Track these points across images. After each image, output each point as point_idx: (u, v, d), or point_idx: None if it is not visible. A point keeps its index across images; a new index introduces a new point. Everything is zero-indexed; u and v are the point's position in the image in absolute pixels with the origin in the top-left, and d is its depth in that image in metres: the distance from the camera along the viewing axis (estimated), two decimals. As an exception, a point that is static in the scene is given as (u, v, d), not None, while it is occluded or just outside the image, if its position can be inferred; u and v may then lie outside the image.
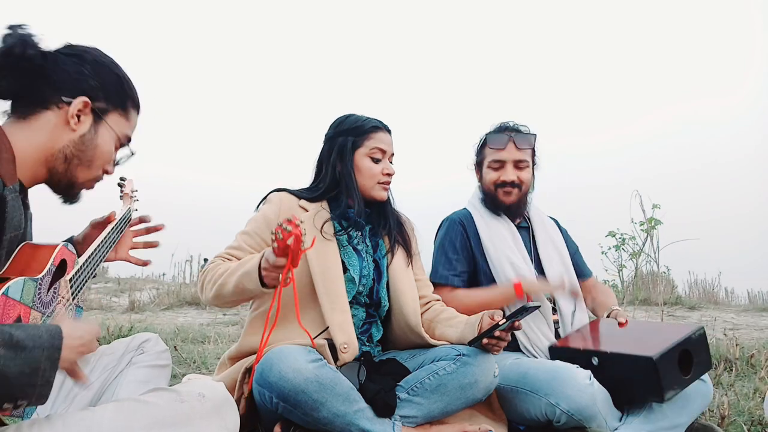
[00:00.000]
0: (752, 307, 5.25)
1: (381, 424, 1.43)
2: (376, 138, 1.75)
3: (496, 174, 2.00)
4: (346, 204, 1.72)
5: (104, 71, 1.15)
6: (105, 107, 1.15)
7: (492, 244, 1.96)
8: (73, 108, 1.09)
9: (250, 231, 1.68)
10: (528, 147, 2.00)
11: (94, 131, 1.14)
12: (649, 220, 6.32)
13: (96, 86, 1.13)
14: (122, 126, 1.19)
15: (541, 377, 1.62)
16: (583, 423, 1.55)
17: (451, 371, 1.53)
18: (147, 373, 1.30)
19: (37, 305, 0.99)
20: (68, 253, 1.13)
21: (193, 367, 2.53)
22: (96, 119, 1.14)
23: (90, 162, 1.15)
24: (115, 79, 1.16)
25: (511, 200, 1.99)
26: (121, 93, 1.18)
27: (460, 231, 2.00)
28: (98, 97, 1.13)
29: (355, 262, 1.68)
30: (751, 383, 2.27)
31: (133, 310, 4.56)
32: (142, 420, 1.00)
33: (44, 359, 0.87)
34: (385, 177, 1.75)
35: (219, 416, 1.09)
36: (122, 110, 1.18)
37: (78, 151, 1.13)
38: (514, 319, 1.49)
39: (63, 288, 1.10)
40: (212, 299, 1.57)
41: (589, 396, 1.55)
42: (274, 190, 1.78)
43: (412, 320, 1.69)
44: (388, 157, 1.78)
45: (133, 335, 1.40)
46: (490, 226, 2.00)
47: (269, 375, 1.39)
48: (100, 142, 1.15)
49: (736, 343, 2.69)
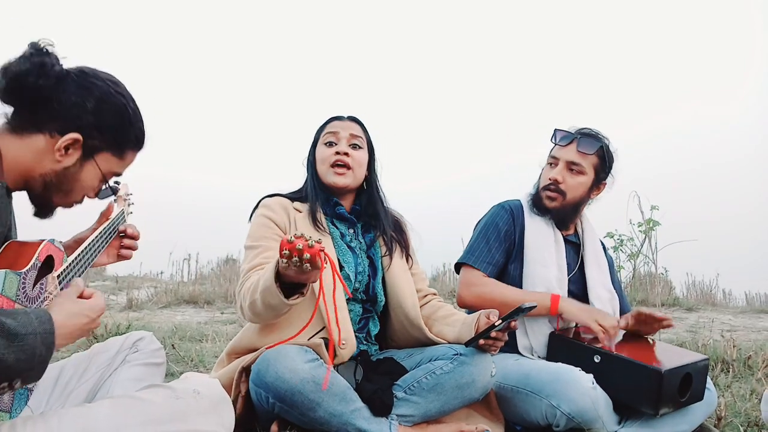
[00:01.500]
0: (750, 309, 5.25)
1: (378, 424, 1.43)
2: (329, 126, 1.78)
3: (548, 171, 1.91)
4: (335, 202, 1.74)
5: (108, 110, 1.11)
6: (98, 146, 1.12)
7: (534, 243, 1.86)
8: (62, 142, 1.07)
9: (260, 241, 1.64)
10: (590, 152, 1.85)
11: (80, 166, 1.11)
12: (648, 221, 6.32)
13: (93, 124, 1.09)
14: (112, 165, 1.17)
15: (543, 378, 1.61)
16: (582, 426, 1.54)
17: (448, 371, 1.53)
18: (141, 371, 1.30)
19: (22, 299, 0.98)
20: (55, 249, 1.12)
21: (190, 365, 2.53)
22: (85, 155, 1.11)
23: (68, 192, 1.14)
24: (117, 121, 1.13)
25: (553, 205, 1.89)
26: (120, 135, 1.15)
27: (509, 220, 1.91)
28: (92, 135, 1.10)
29: (350, 259, 1.68)
30: (748, 384, 2.28)
31: (130, 308, 4.55)
32: (138, 417, 1.00)
33: (39, 344, 0.88)
34: (335, 157, 1.72)
35: (215, 413, 1.10)
36: (116, 151, 1.15)
37: (57, 181, 1.11)
38: (510, 320, 1.49)
39: (51, 284, 1.09)
40: (254, 318, 1.52)
41: (592, 400, 1.54)
42: (266, 196, 1.77)
43: (411, 314, 1.69)
44: (346, 140, 1.74)
45: (128, 333, 1.40)
46: (538, 225, 1.90)
47: (265, 375, 1.38)
48: (82, 177, 1.13)
49: (733, 344, 2.68)
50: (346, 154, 1.72)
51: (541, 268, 1.83)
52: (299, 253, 1.19)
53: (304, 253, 1.19)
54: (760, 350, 2.78)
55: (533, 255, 1.85)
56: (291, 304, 1.38)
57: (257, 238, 1.65)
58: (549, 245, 1.88)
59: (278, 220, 1.67)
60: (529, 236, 1.88)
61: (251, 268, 1.58)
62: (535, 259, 1.85)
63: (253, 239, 1.66)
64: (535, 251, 1.86)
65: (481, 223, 1.96)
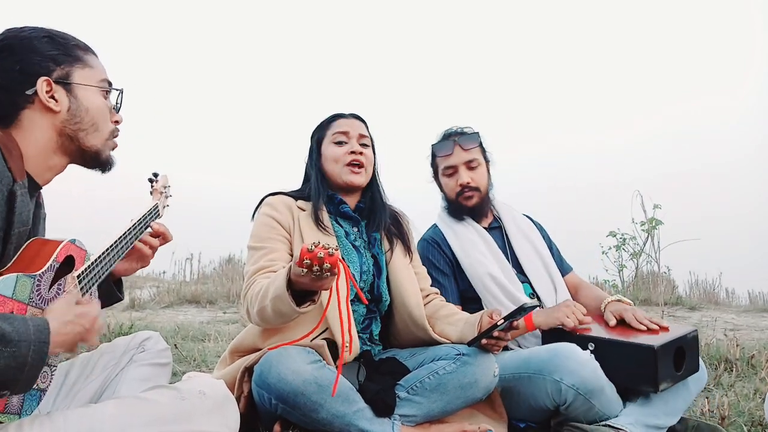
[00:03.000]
0: (753, 308, 5.24)
1: (380, 424, 1.43)
2: (336, 124, 1.78)
3: (453, 180, 2.01)
4: (339, 201, 1.74)
5: (34, 45, 1.09)
6: (64, 72, 1.11)
7: (464, 252, 1.95)
8: (41, 93, 1.07)
9: (265, 242, 1.62)
10: (474, 146, 2.00)
11: (74, 98, 1.12)
12: (650, 220, 6.31)
13: (41, 61, 1.09)
14: (92, 75, 1.16)
15: (542, 357, 1.63)
16: (590, 399, 1.55)
17: (451, 371, 1.54)
18: (148, 371, 1.30)
19: (36, 302, 0.97)
20: (75, 248, 1.11)
21: (193, 365, 2.53)
22: (66, 88, 1.11)
23: (94, 126, 1.14)
24: (48, 43, 1.11)
25: (474, 203, 2.00)
26: (65, 50, 1.13)
27: (438, 251, 1.99)
28: (52, 69, 1.10)
29: (354, 258, 1.68)
30: (752, 384, 2.27)
31: (133, 308, 4.56)
32: (143, 417, 1.01)
33: (31, 353, 0.86)
34: (351, 156, 1.72)
35: (219, 413, 1.10)
36: (80, 63, 1.14)
37: (76, 125, 1.12)
38: (512, 319, 1.49)
39: (70, 284, 1.08)
40: (262, 323, 1.52)
41: (592, 368, 1.57)
42: (268, 195, 1.76)
43: (415, 312, 1.69)
44: (356, 139, 1.75)
45: (134, 333, 1.39)
46: (457, 234, 1.99)
47: (268, 377, 1.38)
48: (87, 104, 1.13)
49: (736, 343, 2.68)
50: (361, 153, 1.73)
51: (481, 267, 1.91)
52: (320, 261, 1.19)
53: (324, 262, 1.19)
54: (764, 349, 2.77)
55: (471, 264, 1.93)
56: (302, 312, 1.38)
57: (262, 239, 1.64)
58: (477, 245, 1.96)
59: (282, 219, 1.67)
60: (457, 248, 1.97)
61: (257, 270, 1.57)
62: (475, 268, 1.92)
63: (257, 240, 1.65)
64: (470, 259, 1.94)
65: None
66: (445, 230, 2.02)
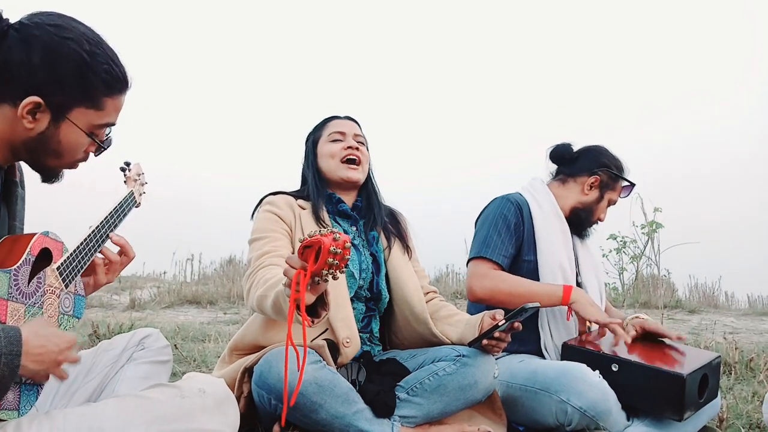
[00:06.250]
0: (752, 312, 5.24)
1: (380, 425, 1.43)
2: (332, 125, 1.80)
3: (603, 211, 2.03)
4: (337, 199, 1.75)
5: (58, 59, 0.97)
6: (65, 102, 1.00)
7: (547, 237, 1.91)
8: (22, 109, 0.97)
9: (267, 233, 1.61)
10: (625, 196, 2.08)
11: (55, 128, 1.01)
12: (650, 224, 6.31)
13: (48, 79, 0.97)
14: (91, 118, 1.04)
15: (550, 375, 1.61)
16: (596, 420, 1.53)
17: (451, 372, 1.54)
18: (148, 369, 1.29)
19: (15, 296, 0.95)
20: (50, 240, 1.06)
21: (193, 366, 2.54)
22: (55, 116, 1.00)
23: (59, 154, 1.05)
24: (73, 68, 0.98)
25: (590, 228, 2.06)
26: (85, 83, 1.00)
27: (517, 212, 1.93)
28: (53, 93, 0.98)
29: (354, 256, 1.69)
30: (750, 387, 2.27)
31: (133, 308, 4.57)
32: (144, 415, 1.00)
33: (2, 365, 0.83)
34: (347, 152, 1.73)
35: (220, 412, 1.10)
36: (89, 102, 1.02)
37: (41, 146, 1.02)
38: (513, 320, 1.49)
39: (50, 277, 1.05)
40: (257, 309, 1.49)
41: (601, 391, 1.54)
42: (269, 194, 1.77)
43: (417, 308, 1.70)
44: (352, 137, 1.77)
45: (134, 330, 1.38)
46: (547, 218, 1.95)
47: (268, 377, 1.38)
48: (64, 138, 1.03)
49: (735, 346, 2.68)
50: (357, 149, 1.75)
51: (554, 257, 1.89)
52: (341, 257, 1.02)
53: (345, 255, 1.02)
54: (762, 352, 2.78)
55: (546, 245, 1.91)
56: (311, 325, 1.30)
57: (264, 231, 1.63)
58: (558, 235, 1.94)
59: (284, 216, 1.67)
60: (539, 227, 1.93)
61: (263, 254, 1.55)
62: (549, 249, 1.90)
63: (259, 232, 1.64)
64: (547, 242, 1.91)
65: (489, 216, 1.95)
66: (534, 207, 1.97)
